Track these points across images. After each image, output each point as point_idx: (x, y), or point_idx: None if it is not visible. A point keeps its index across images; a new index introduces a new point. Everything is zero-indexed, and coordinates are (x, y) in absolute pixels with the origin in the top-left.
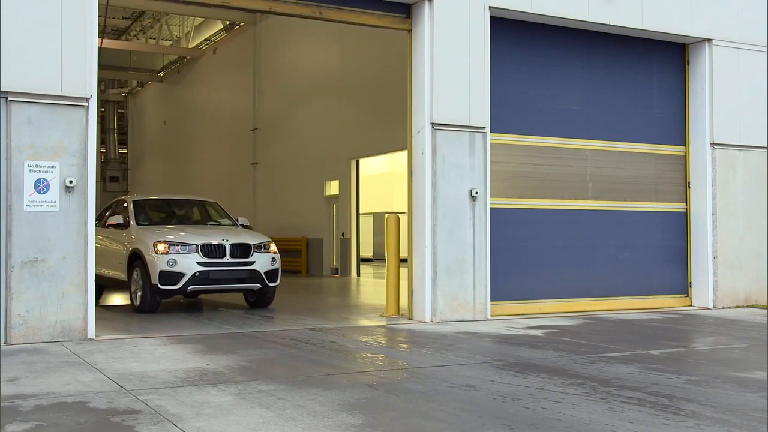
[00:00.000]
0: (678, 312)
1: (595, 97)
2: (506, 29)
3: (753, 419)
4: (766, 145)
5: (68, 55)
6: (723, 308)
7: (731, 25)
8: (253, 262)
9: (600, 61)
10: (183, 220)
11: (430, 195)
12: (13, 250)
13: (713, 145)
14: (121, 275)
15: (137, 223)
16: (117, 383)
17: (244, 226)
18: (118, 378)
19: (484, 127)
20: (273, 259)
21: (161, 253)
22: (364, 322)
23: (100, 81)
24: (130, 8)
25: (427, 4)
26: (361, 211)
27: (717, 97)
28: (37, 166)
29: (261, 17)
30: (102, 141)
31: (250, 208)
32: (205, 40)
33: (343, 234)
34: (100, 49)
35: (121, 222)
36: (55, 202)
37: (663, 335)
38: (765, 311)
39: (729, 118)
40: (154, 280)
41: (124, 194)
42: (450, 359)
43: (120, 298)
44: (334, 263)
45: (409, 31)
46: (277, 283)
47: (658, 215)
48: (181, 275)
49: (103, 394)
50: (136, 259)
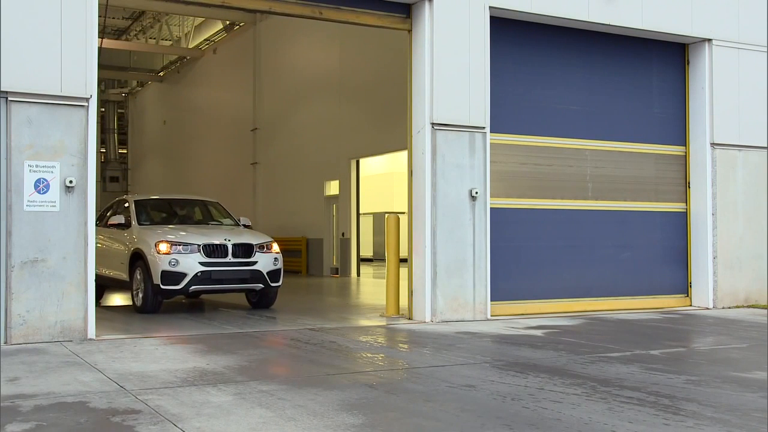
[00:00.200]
0: (678, 312)
1: (595, 97)
2: (506, 29)
3: (753, 419)
4: (766, 145)
5: (68, 55)
6: (723, 308)
7: (731, 25)
8: (255, 262)
9: (600, 61)
10: (185, 220)
11: (430, 195)
12: (13, 250)
13: (713, 145)
14: (123, 275)
15: (139, 223)
16: (117, 383)
17: (246, 225)
18: (118, 378)
19: (484, 127)
20: (275, 259)
21: (163, 253)
22: (364, 322)
23: (100, 81)
24: (130, 8)
25: (427, 4)
26: (361, 211)
27: (717, 97)
28: (37, 166)
29: (261, 17)
30: (102, 141)
31: (250, 208)
32: (205, 40)
33: (343, 234)
34: (100, 49)
35: (123, 222)
36: (55, 202)
37: (663, 335)
38: (765, 311)
39: (729, 118)
40: (156, 280)
41: (125, 194)
42: (450, 359)
43: (121, 299)
44: (334, 263)
45: (409, 31)
46: (279, 283)
47: (658, 215)
48: (183, 275)
49: (103, 394)
50: (137, 259)
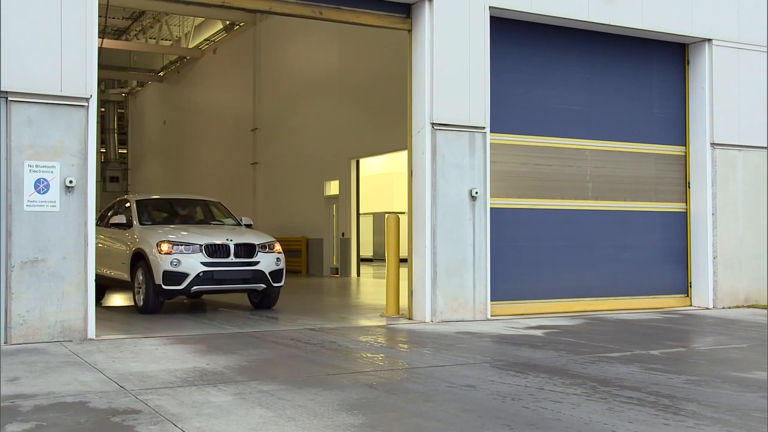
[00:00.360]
0: (678, 312)
1: (595, 97)
2: (506, 29)
3: (753, 419)
4: (766, 145)
5: (68, 55)
6: (723, 308)
7: (731, 25)
8: (257, 262)
9: (600, 61)
10: (186, 220)
11: (430, 195)
12: (13, 250)
13: (713, 145)
14: (124, 275)
15: (140, 223)
16: (117, 383)
17: (247, 225)
18: (118, 378)
19: (484, 127)
20: (277, 259)
21: (165, 253)
22: (364, 322)
23: (100, 81)
24: (130, 8)
25: (427, 4)
26: (361, 211)
27: (717, 97)
28: (37, 166)
29: (261, 17)
30: (102, 141)
31: (250, 208)
32: (205, 40)
33: (343, 234)
34: (100, 49)
35: (124, 222)
36: (55, 202)
37: (663, 335)
38: (765, 311)
39: (729, 118)
40: (158, 280)
41: (125, 194)
42: (450, 359)
43: (122, 299)
44: (334, 263)
45: (409, 31)
46: (281, 283)
47: (658, 215)
48: (185, 275)
49: (103, 394)
50: (139, 259)
